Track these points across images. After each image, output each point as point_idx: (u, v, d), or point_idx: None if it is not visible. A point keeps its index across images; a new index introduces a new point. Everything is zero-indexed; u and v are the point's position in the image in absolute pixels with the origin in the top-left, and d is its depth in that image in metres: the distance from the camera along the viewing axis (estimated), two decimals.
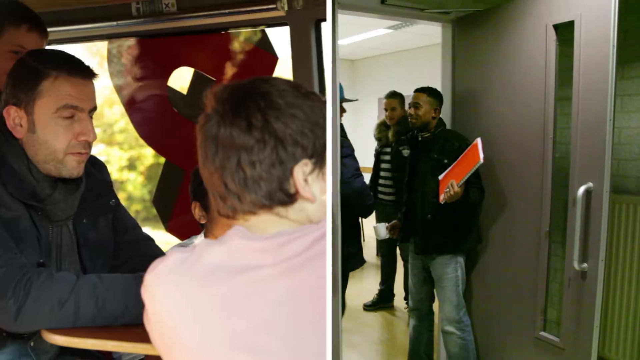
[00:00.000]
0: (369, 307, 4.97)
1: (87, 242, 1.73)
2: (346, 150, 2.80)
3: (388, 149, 4.68)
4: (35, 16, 2.03)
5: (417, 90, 3.32)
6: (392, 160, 4.61)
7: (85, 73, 1.59)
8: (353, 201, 2.91)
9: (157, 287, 1.05)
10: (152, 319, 1.05)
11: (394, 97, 4.66)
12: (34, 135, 1.57)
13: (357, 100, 2.64)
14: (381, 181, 4.77)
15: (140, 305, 1.46)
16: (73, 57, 1.64)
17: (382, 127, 4.89)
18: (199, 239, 2.20)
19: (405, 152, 4.11)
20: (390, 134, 4.65)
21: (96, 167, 1.82)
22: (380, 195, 4.74)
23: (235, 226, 1.08)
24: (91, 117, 1.64)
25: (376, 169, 4.85)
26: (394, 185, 4.58)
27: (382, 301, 5.02)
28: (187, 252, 1.06)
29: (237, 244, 1.04)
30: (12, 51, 1.95)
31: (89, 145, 1.63)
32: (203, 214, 2.16)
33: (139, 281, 1.48)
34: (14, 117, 1.57)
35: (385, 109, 4.68)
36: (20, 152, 1.59)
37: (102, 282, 1.48)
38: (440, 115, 3.33)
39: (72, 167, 1.61)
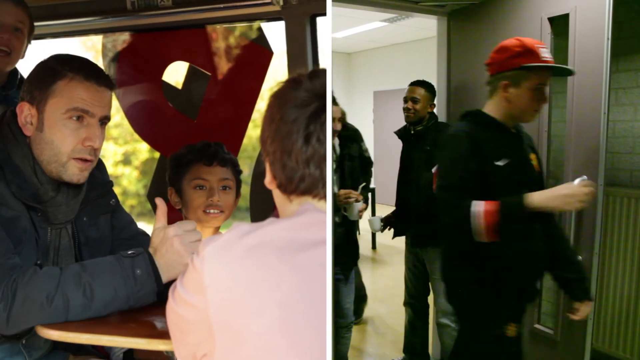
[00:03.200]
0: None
1: (88, 241, 1.75)
2: None
3: None
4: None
5: (414, 84, 3.31)
6: None
7: (101, 80, 1.61)
8: None
9: (222, 257, 1.07)
10: (210, 289, 1.05)
11: None
12: (42, 134, 1.58)
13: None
14: None
15: (128, 286, 1.46)
16: (93, 64, 1.67)
17: None
18: None
19: None
20: None
21: (97, 167, 1.82)
22: None
23: (307, 203, 1.17)
24: (103, 126, 1.65)
25: None
26: None
27: None
28: (252, 226, 1.10)
29: (313, 216, 1.12)
30: None
31: (94, 152, 1.63)
32: (178, 199, 2.17)
33: (122, 262, 1.49)
34: (26, 114, 1.58)
35: None
36: (27, 152, 1.60)
37: (85, 270, 1.47)
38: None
39: (73, 173, 1.61)
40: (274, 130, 1.17)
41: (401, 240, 3.58)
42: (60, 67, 1.58)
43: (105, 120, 1.64)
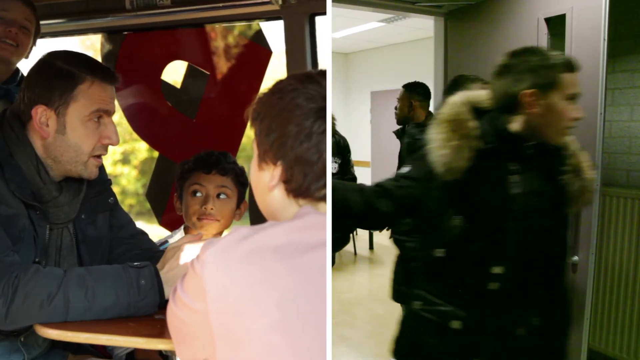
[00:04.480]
0: None
1: (86, 239, 1.75)
2: None
3: None
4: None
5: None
6: None
7: (112, 79, 1.65)
8: None
9: (222, 261, 1.07)
10: (210, 294, 1.05)
11: None
12: (64, 137, 1.60)
13: None
14: None
15: (131, 294, 1.47)
16: (99, 62, 1.72)
17: None
18: (180, 233, 2.23)
19: None
20: None
21: None
22: None
23: (305, 206, 1.17)
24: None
25: None
26: None
27: None
28: (252, 229, 1.09)
29: (313, 218, 1.12)
30: None
31: (107, 147, 1.68)
32: (180, 206, 2.20)
33: (127, 271, 1.51)
34: (41, 116, 1.58)
35: None
36: (30, 152, 1.60)
37: (90, 274, 1.49)
38: (432, 109, 3.36)
39: (91, 170, 1.66)
40: (294, 138, 1.15)
41: None
42: (77, 70, 1.59)
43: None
